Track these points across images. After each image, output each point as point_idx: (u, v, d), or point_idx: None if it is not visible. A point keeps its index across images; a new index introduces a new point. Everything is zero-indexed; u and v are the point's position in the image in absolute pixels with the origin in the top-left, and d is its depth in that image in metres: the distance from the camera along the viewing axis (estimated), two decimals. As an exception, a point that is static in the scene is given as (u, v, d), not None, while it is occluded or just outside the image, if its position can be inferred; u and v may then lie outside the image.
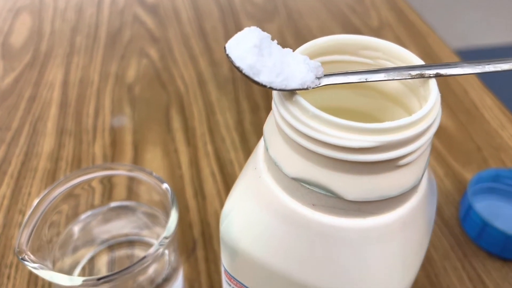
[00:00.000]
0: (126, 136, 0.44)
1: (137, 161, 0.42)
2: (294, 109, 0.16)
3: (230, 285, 0.22)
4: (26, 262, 0.23)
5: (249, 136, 0.45)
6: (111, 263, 0.31)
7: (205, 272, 0.34)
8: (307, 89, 0.16)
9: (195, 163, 0.42)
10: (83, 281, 0.23)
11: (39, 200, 0.26)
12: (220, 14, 0.63)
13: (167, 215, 0.27)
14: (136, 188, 0.28)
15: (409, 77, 0.17)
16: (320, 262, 0.18)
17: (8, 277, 0.33)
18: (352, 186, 0.16)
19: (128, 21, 0.61)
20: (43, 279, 0.33)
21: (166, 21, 0.61)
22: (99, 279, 0.23)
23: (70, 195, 0.27)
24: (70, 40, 0.58)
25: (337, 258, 0.17)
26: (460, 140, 0.45)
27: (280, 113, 0.16)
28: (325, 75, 0.17)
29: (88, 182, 0.28)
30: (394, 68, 0.17)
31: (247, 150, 0.43)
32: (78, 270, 0.29)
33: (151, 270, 0.27)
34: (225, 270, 0.22)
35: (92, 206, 0.29)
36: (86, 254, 0.29)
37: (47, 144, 0.43)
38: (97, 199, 0.29)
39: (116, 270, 0.23)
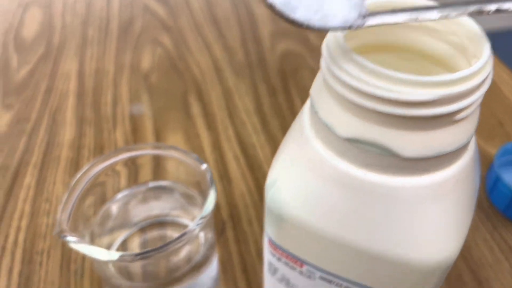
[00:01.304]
0: (146, 123, 0.44)
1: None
2: (348, 66, 0.16)
3: (274, 255, 0.22)
4: (67, 238, 0.23)
5: (269, 119, 0.45)
6: (144, 244, 0.31)
7: (237, 253, 0.34)
8: (349, 28, 0.16)
9: (217, 147, 0.42)
10: (120, 256, 0.23)
11: (78, 178, 0.26)
12: (231, 1, 0.63)
13: (203, 196, 0.27)
14: (174, 168, 0.28)
15: (466, 13, 0.16)
16: (374, 223, 0.18)
17: (40, 264, 0.33)
18: (408, 142, 0.16)
19: (139, 12, 0.61)
20: (75, 263, 0.33)
21: (177, 10, 0.61)
22: (136, 255, 0.23)
23: (108, 173, 0.27)
24: (82, 33, 0.57)
25: (392, 218, 0.17)
26: (481, 116, 0.45)
27: (331, 71, 0.16)
28: (371, 14, 0.16)
29: (130, 160, 0.28)
30: (449, 4, 0.17)
31: (269, 133, 0.43)
32: (113, 249, 0.29)
33: (186, 250, 0.27)
34: (270, 240, 0.22)
35: (129, 186, 0.29)
36: (120, 235, 0.29)
37: (67, 133, 0.43)
38: (134, 179, 0.29)
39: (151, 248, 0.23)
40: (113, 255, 0.23)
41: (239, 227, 0.35)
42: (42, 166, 0.40)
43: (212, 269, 0.29)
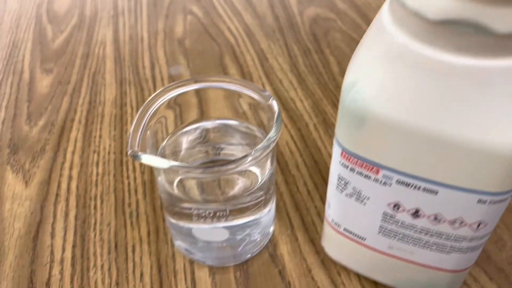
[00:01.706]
0: (185, 82, 0.45)
1: (202, 104, 0.43)
2: None
3: (347, 167, 0.23)
4: (142, 156, 0.24)
5: (305, 77, 0.45)
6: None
7: (288, 193, 0.34)
8: None
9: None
10: (190, 165, 0.23)
11: (147, 104, 0.26)
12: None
13: (266, 132, 0.28)
14: (240, 103, 0.29)
15: None
16: (463, 109, 0.18)
17: (95, 207, 0.34)
18: (503, 18, 0.16)
19: (166, -16, 0.62)
20: (129, 207, 0.34)
21: (203, -18, 0.62)
22: (207, 166, 0.23)
23: (170, 106, 0.28)
24: (113, 4, 0.58)
25: (482, 102, 0.18)
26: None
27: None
28: None
29: (201, 91, 0.28)
30: None
31: (306, 89, 0.44)
32: (176, 181, 0.29)
33: (249, 176, 0.28)
34: (343, 151, 0.22)
35: (192, 120, 0.30)
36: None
37: (108, 93, 0.44)
38: (195, 112, 0.30)
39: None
40: (172, 163, 0.23)
41: (287, 172, 0.36)
42: (86, 122, 0.41)
43: (272, 202, 0.29)
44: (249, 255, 0.30)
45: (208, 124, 0.31)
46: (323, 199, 0.34)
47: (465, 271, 0.25)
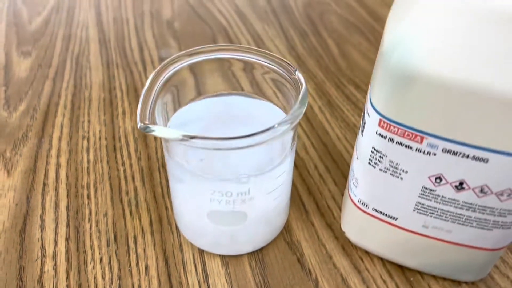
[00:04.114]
0: (177, 65, 0.42)
1: (199, 86, 0.40)
2: None
3: (385, 137, 0.21)
4: (153, 128, 0.21)
5: (304, 59, 0.43)
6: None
7: (298, 176, 0.32)
8: None
9: (256, 86, 0.40)
10: (210, 138, 0.20)
11: (154, 76, 0.24)
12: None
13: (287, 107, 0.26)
14: (262, 76, 0.27)
15: None
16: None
17: (89, 197, 0.31)
18: None
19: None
20: (127, 195, 0.31)
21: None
22: (231, 138, 0.21)
23: (184, 74, 0.26)
24: (92, -14, 0.55)
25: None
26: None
27: None
28: None
29: (205, 62, 0.26)
30: None
31: (307, 71, 0.42)
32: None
33: (272, 149, 0.25)
34: (382, 120, 0.20)
35: (205, 91, 0.27)
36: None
37: (95, 76, 0.41)
38: (214, 82, 0.28)
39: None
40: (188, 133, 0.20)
41: (296, 155, 0.34)
42: (72, 106, 0.38)
43: (290, 180, 0.27)
44: (264, 243, 0.28)
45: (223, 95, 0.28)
46: (336, 182, 0.32)
47: (502, 249, 0.24)
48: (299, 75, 0.24)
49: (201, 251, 0.27)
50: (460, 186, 0.21)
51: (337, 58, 0.43)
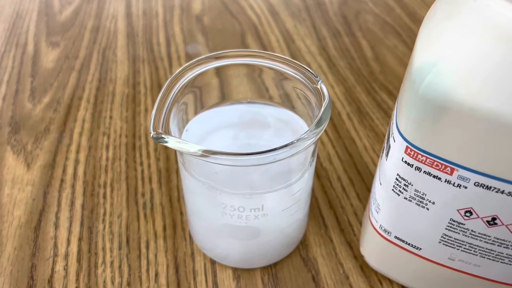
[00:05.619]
0: (204, 62, 0.41)
1: (223, 85, 0.39)
2: None
3: (412, 165, 0.19)
4: (167, 139, 0.20)
5: (335, 61, 0.41)
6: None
7: (319, 188, 0.31)
8: None
9: (283, 96, 0.39)
10: (229, 153, 0.19)
11: (169, 83, 0.23)
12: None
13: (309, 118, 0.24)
14: (284, 84, 0.25)
15: None
16: None
17: (104, 196, 0.30)
18: None
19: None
20: (143, 197, 0.30)
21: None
22: (248, 154, 0.19)
23: (200, 82, 0.25)
24: (124, -24, 0.54)
25: None
26: None
27: None
28: None
29: (221, 68, 0.25)
30: None
31: (337, 74, 0.40)
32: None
33: (296, 158, 0.24)
34: (410, 147, 0.19)
35: (222, 100, 0.26)
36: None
37: (120, 70, 0.40)
38: (229, 90, 0.27)
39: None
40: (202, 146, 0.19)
41: (318, 164, 0.32)
42: (95, 101, 0.37)
43: (309, 196, 0.25)
44: (278, 258, 0.26)
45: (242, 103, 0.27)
46: (360, 196, 0.30)
47: (535, 288, 0.22)
48: (322, 86, 0.23)
49: (213, 261, 0.27)
50: (492, 222, 0.19)
51: (370, 61, 0.41)
